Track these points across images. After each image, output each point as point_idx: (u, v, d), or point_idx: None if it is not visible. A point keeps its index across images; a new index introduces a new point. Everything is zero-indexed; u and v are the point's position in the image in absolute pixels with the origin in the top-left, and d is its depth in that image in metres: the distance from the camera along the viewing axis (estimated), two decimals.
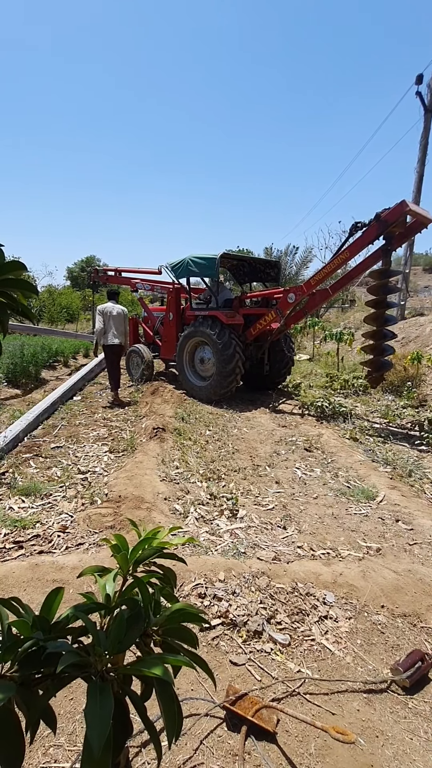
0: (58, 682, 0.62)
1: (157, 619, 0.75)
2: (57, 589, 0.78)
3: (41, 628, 0.69)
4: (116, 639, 0.67)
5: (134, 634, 0.70)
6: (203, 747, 1.56)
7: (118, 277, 9.80)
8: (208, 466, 4.19)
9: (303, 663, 1.96)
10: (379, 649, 2.08)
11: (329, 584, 2.46)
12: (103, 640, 0.67)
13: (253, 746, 1.58)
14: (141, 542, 0.96)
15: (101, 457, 4.37)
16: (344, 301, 20.85)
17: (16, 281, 0.81)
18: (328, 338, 10.05)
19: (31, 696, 0.62)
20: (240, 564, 2.57)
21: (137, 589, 0.80)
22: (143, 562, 0.96)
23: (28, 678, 0.64)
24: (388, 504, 3.54)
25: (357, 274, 6.09)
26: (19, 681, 0.63)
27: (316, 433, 5.34)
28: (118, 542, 0.97)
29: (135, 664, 0.64)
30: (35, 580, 2.35)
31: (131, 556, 0.94)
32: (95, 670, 0.63)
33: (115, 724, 0.62)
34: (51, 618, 0.74)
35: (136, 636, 0.70)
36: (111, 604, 0.81)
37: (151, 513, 3.12)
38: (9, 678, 0.62)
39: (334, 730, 1.40)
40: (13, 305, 0.83)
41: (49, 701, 0.62)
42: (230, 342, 6.46)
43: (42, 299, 18.75)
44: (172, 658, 0.66)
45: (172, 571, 0.99)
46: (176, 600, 0.90)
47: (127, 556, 0.93)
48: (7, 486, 3.52)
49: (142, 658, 0.68)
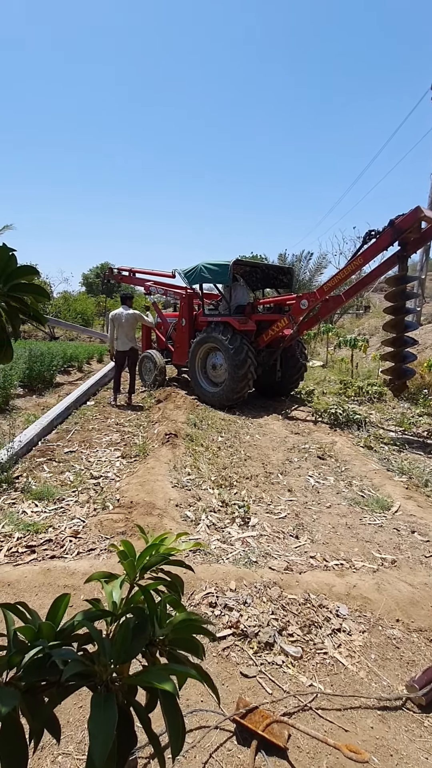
0: (62, 690, 0.61)
1: (163, 629, 0.73)
2: (63, 596, 0.77)
3: (46, 635, 0.69)
4: (121, 648, 0.66)
5: (139, 644, 0.68)
6: (212, 760, 1.53)
7: (131, 277, 9.87)
8: (219, 472, 4.16)
9: (315, 677, 1.91)
10: (394, 665, 2.01)
11: (342, 596, 2.41)
12: (109, 649, 0.66)
13: (263, 761, 1.54)
14: (148, 548, 0.95)
15: (113, 462, 4.38)
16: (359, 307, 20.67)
17: (28, 285, 0.82)
18: (342, 344, 9.95)
19: (35, 704, 0.62)
20: (251, 573, 2.54)
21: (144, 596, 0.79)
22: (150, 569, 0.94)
23: (33, 685, 0.63)
24: (404, 514, 3.46)
25: (371, 281, 6.04)
26: (23, 688, 0.62)
27: (330, 441, 5.27)
28: (125, 549, 0.96)
29: (140, 675, 0.63)
30: (47, 585, 2.36)
31: (138, 563, 0.93)
32: (100, 680, 0.62)
33: (120, 735, 0.60)
34: (57, 624, 0.74)
35: (142, 645, 0.69)
36: (117, 611, 0.79)
37: (163, 520, 3.11)
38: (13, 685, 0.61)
39: (347, 748, 1.35)
40: (25, 309, 0.84)
41: (53, 710, 0.61)
42: (242, 347, 6.45)
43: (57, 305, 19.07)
44: (179, 670, 0.65)
45: (179, 578, 0.98)
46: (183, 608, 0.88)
47: (134, 562, 0.92)
48: (21, 490, 3.56)
49: (148, 668, 0.67)
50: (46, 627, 0.71)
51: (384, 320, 5.86)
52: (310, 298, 6.33)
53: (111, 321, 6.92)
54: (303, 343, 7.83)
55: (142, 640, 0.70)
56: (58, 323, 14.43)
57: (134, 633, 0.70)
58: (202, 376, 7.30)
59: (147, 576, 0.95)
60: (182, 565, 0.99)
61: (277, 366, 7.50)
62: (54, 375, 8.21)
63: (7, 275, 0.81)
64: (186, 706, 1.72)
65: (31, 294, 0.85)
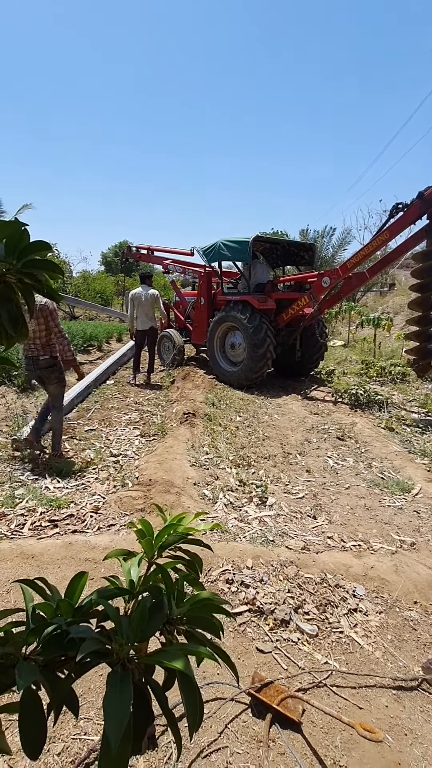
0: (80, 667, 0.62)
1: (181, 608, 0.73)
2: (80, 573, 0.78)
3: (65, 611, 0.69)
4: (139, 627, 0.66)
5: (157, 623, 0.68)
6: (228, 731, 1.57)
7: (150, 255, 9.77)
8: (237, 452, 4.17)
9: (330, 655, 1.93)
10: (411, 646, 2.01)
11: (360, 577, 2.40)
12: (126, 628, 0.66)
13: (277, 734, 1.57)
14: (166, 528, 0.95)
15: (132, 440, 4.44)
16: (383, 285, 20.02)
17: (42, 262, 0.80)
18: (365, 324, 9.70)
19: (54, 679, 0.63)
20: (268, 552, 2.56)
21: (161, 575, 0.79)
22: (168, 548, 0.94)
23: (52, 661, 0.64)
24: (425, 497, 3.41)
25: (397, 257, 5.79)
26: (42, 663, 0.63)
27: (350, 422, 5.20)
28: (143, 527, 0.96)
29: (157, 654, 0.63)
30: (69, 558, 2.43)
31: (156, 542, 0.93)
32: (117, 658, 0.62)
33: (136, 713, 0.61)
34: (75, 602, 0.74)
35: (159, 624, 0.69)
36: (134, 589, 0.80)
37: (181, 498, 3.15)
38: (32, 660, 0.62)
39: (361, 726, 1.36)
40: (38, 286, 0.81)
41: (71, 684, 0.62)
42: (261, 326, 6.36)
43: (77, 284, 19.16)
44: (193, 650, 0.64)
45: (197, 557, 0.98)
46: (201, 586, 0.88)
47: (152, 541, 0.92)
48: (44, 467, 3.65)
49: (165, 647, 0.67)
50: (64, 604, 0.71)
51: (409, 298, 5.63)
52: (332, 275, 6.14)
53: (131, 300, 6.87)
54: (324, 323, 7.65)
55: (159, 619, 0.70)
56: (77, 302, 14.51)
57: (151, 612, 0.70)
58: (220, 355, 7.25)
59: (165, 554, 0.95)
60: (200, 544, 0.98)
61: (297, 345, 7.38)
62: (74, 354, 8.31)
63: (20, 251, 0.78)
64: (203, 678, 1.77)
65: (45, 270, 0.82)
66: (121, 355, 8.73)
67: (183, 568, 0.92)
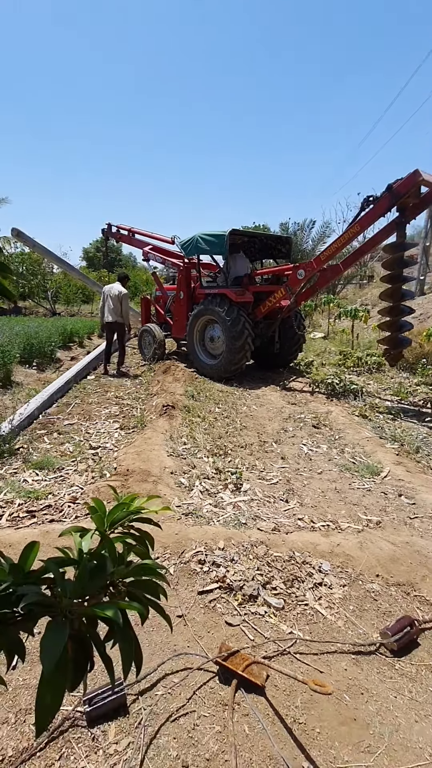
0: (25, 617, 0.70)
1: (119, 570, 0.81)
2: (32, 543, 0.86)
3: (15, 574, 0.77)
4: (80, 586, 0.75)
5: (97, 583, 0.77)
6: (195, 697, 1.68)
7: (130, 237, 9.68)
8: (215, 442, 4.27)
9: (295, 625, 2.05)
10: (371, 615, 2.15)
11: (326, 554, 2.53)
12: (68, 587, 0.75)
13: (242, 698, 1.69)
14: (117, 506, 1.03)
15: (112, 433, 4.50)
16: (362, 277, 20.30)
17: None
18: (343, 315, 9.87)
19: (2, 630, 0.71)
20: (240, 534, 2.67)
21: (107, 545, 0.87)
22: (119, 524, 1.03)
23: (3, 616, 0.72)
24: (393, 479, 3.56)
25: (369, 249, 5.93)
26: None
27: (325, 411, 5.34)
28: (95, 505, 1.04)
29: (92, 607, 0.72)
30: (45, 546, 2.48)
31: (108, 518, 1.01)
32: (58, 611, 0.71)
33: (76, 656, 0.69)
34: (27, 568, 0.82)
35: (99, 584, 0.77)
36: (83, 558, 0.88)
37: (157, 486, 3.24)
38: None
39: (313, 682, 1.48)
40: None
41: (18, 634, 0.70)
42: (239, 318, 6.45)
43: (57, 280, 18.90)
44: (126, 604, 0.73)
45: (148, 534, 1.06)
46: (149, 558, 0.97)
47: (103, 517, 1.00)
48: (22, 460, 3.69)
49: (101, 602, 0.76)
50: (15, 568, 0.79)
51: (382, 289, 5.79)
52: (306, 267, 6.25)
53: (102, 293, 7.36)
54: (301, 315, 7.78)
55: (99, 579, 0.78)
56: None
57: (93, 573, 0.78)
58: (200, 348, 7.33)
59: (118, 531, 1.04)
60: (150, 522, 1.07)
61: (276, 338, 7.50)
62: (54, 350, 8.28)
63: None
64: (173, 651, 1.87)
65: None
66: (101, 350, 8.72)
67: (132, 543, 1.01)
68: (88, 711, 1.54)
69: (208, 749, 1.49)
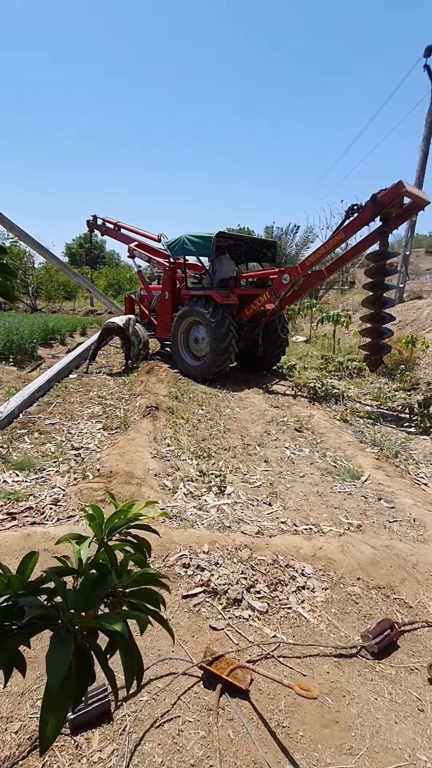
0: (27, 631, 0.69)
1: (122, 580, 0.81)
2: (32, 553, 0.84)
3: (15, 586, 0.76)
4: (81, 596, 0.74)
5: (99, 593, 0.76)
6: (180, 702, 1.68)
7: (116, 232, 9.57)
8: (199, 444, 4.27)
9: (279, 629, 2.08)
10: (352, 618, 2.19)
11: (309, 557, 2.57)
12: (70, 598, 0.74)
13: (227, 702, 1.70)
14: (116, 513, 1.03)
15: (95, 434, 4.44)
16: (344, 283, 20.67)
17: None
18: (325, 320, 10.03)
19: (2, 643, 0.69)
20: (224, 537, 2.68)
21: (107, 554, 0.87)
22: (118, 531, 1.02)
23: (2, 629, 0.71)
24: (372, 483, 3.65)
25: (353, 256, 6.06)
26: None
27: (308, 414, 5.42)
28: (93, 512, 1.03)
29: (96, 619, 0.71)
30: (27, 549, 2.45)
31: (106, 526, 1.00)
32: (62, 624, 0.70)
33: (78, 670, 0.69)
34: (26, 578, 0.81)
35: (101, 594, 0.77)
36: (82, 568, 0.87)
37: (141, 488, 3.22)
38: None
39: (298, 687, 1.51)
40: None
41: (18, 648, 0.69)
42: (224, 321, 6.47)
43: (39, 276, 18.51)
44: (130, 614, 0.73)
45: (146, 540, 1.06)
46: (147, 566, 0.97)
47: (102, 524, 0.99)
48: (2, 460, 3.60)
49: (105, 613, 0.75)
50: (14, 579, 0.78)
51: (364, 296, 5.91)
52: (291, 272, 6.33)
53: None
54: (285, 318, 7.87)
55: (101, 590, 0.78)
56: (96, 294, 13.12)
57: (94, 584, 0.78)
58: (184, 349, 7.32)
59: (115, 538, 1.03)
60: (148, 529, 1.07)
61: (259, 341, 7.56)
62: (35, 348, 8.11)
63: None
64: (158, 656, 1.86)
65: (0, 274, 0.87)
66: (84, 348, 8.59)
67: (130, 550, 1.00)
68: (72, 718, 1.52)
69: (192, 755, 1.49)
